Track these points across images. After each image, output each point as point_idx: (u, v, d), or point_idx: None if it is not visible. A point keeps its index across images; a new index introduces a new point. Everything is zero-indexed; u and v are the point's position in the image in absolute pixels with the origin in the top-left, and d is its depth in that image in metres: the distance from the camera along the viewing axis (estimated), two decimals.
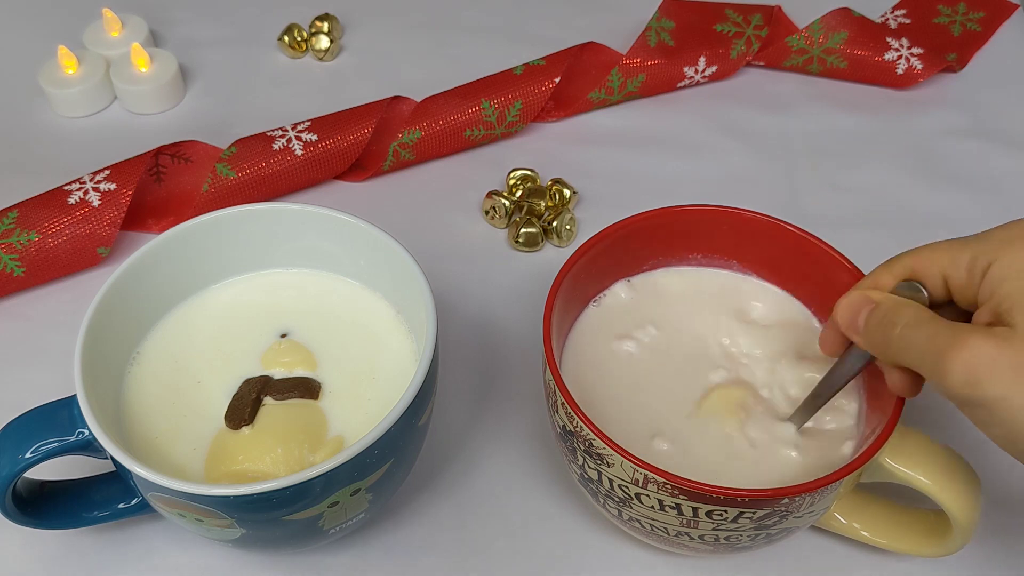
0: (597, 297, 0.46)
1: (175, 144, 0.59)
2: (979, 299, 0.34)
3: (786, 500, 0.36)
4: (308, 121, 0.59)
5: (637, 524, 0.40)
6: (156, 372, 0.44)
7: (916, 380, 0.37)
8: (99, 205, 0.55)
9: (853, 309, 0.37)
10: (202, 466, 0.41)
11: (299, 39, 0.69)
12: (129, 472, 0.37)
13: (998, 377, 0.31)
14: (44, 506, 0.42)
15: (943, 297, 0.37)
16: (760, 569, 0.45)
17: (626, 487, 0.38)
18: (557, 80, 0.62)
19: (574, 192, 0.59)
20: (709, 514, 0.37)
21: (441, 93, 0.62)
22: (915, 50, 0.65)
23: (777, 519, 0.37)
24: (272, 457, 0.40)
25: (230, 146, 0.58)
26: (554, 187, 0.59)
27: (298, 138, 0.58)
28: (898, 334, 0.35)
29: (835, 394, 0.40)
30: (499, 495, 0.47)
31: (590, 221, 0.58)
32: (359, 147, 0.59)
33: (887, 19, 0.71)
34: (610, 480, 0.38)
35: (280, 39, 0.69)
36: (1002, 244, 0.34)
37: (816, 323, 0.45)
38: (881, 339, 0.36)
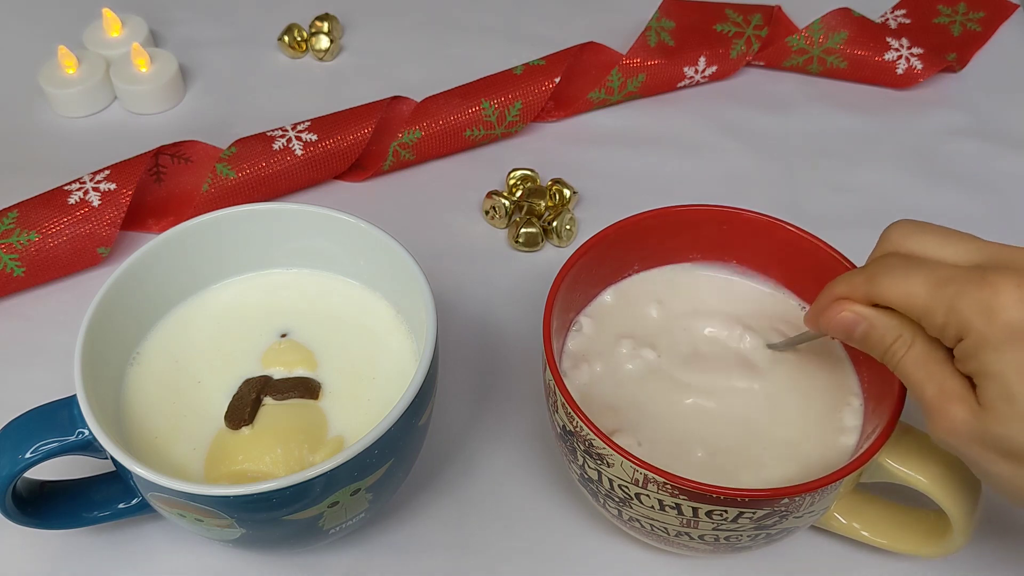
0: (598, 296, 0.46)
1: (175, 144, 0.59)
2: (955, 355, 0.34)
3: (786, 500, 0.36)
4: (308, 121, 0.59)
5: (637, 524, 0.40)
6: (156, 372, 0.44)
7: None
8: (99, 205, 0.55)
9: (847, 324, 0.37)
10: (202, 466, 0.41)
11: (299, 39, 0.69)
12: (129, 472, 0.37)
13: (968, 447, 0.34)
14: (44, 506, 0.42)
15: None
16: (760, 569, 0.45)
17: (626, 487, 0.38)
18: (557, 80, 0.62)
19: (574, 192, 0.59)
20: (709, 514, 0.37)
21: (441, 93, 0.62)
22: (915, 50, 0.65)
23: (777, 519, 0.37)
24: (272, 457, 0.40)
25: (230, 146, 0.58)
26: (554, 187, 0.59)
27: (298, 138, 0.58)
28: (896, 364, 0.36)
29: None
30: (499, 495, 0.47)
31: (590, 221, 0.58)
32: (359, 147, 0.59)
33: (887, 19, 0.71)
34: (610, 480, 0.38)
35: (280, 39, 0.69)
36: (974, 314, 0.32)
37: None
38: (878, 356, 0.37)
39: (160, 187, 0.59)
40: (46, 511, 0.42)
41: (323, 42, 0.68)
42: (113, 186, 0.55)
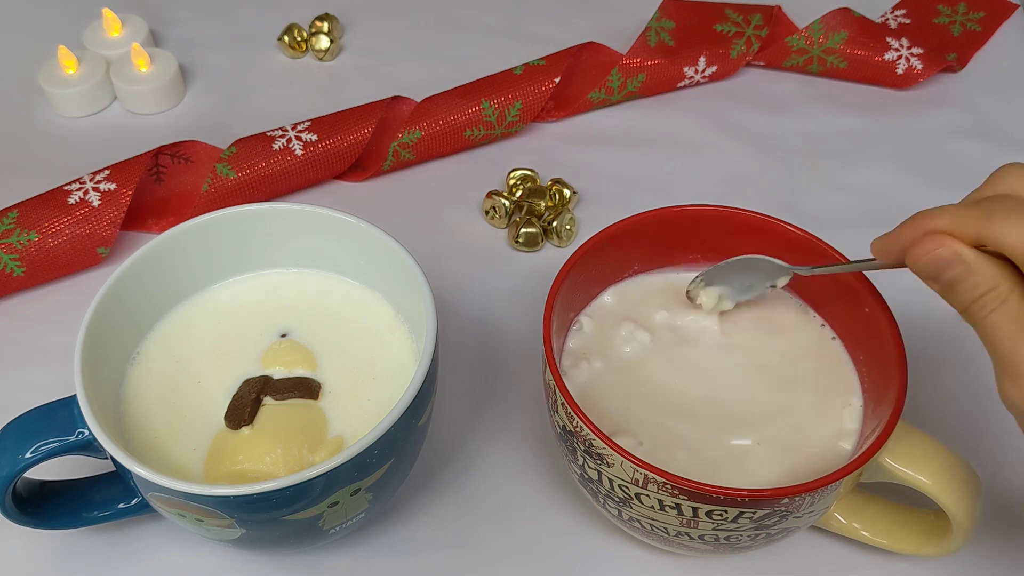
0: (598, 296, 0.46)
1: (175, 144, 0.59)
2: None
3: (786, 500, 0.36)
4: (308, 121, 0.59)
5: (637, 524, 0.40)
6: (156, 372, 0.44)
7: None
8: (99, 205, 0.55)
9: (940, 262, 0.33)
10: (202, 466, 0.41)
11: (299, 39, 0.69)
12: (129, 472, 0.37)
13: None
14: (44, 506, 0.42)
15: None
16: (760, 569, 0.45)
17: (626, 487, 0.38)
18: (557, 80, 0.62)
19: (574, 192, 0.59)
20: (709, 514, 0.37)
21: (441, 93, 0.62)
22: (915, 50, 0.65)
23: (777, 519, 0.37)
24: (272, 457, 0.40)
25: (230, 146, 0.58)
26: (554, 187, 0.59)
27: (298, 138, 0.58)
28: (983, 317, 0.33)
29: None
30: (499, 495, 0.47)
31: (590, 221, 0.58)
32: (359, 147, 0.59)
33: (887, 19, 0.71)
34: (610, 480, 0.38)
35: (280, 39, 0.69)
36: None
37: (819, 324, 0.45)
38: (962, 306, 0.34)
39: (160, 187, 0.59)
40: (46, 511, 0.42)
41: (323, 42, 0.68)
42: (113, 186, 0.55)
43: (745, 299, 0.45)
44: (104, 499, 0.43)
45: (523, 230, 0.57)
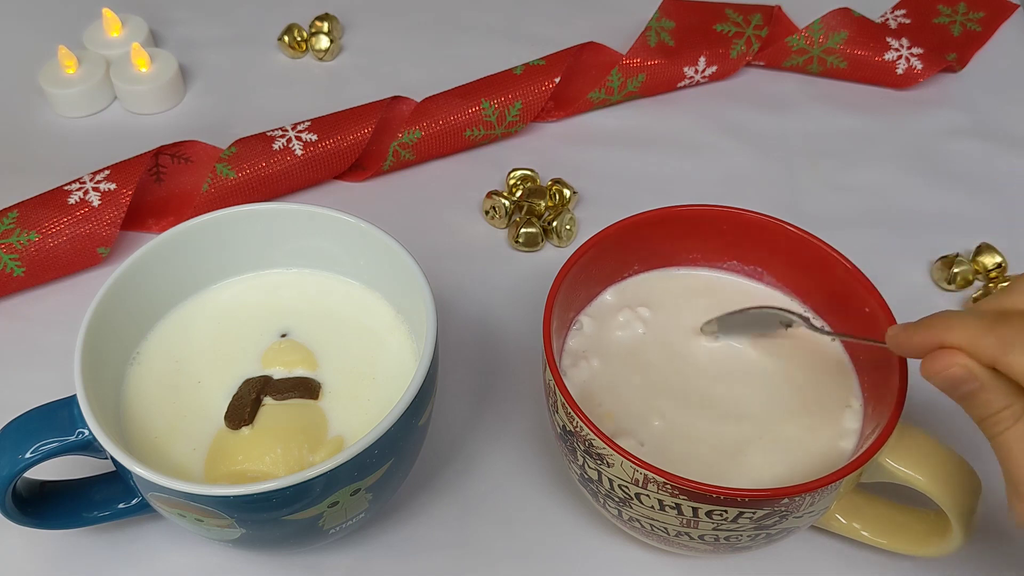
0: (598, 296, 0.46)
1: (175, 144, 0.59)
2: None
3: (786, 500, 0.36)
4: (308, 121, 0.59)
5: (637, 524, 0.40)
6: (156, 372, 0.44)
7: None
8: (99, 205, 0.55)
9: (955, 378, 0.34)
10: (202, 466, 0.41)
11: (299, 39, 0.69)
12: (129, 472, 0.37)
13: None
14: (44, 506, 0.42)
15: None
16: (760, 569, 0.45)
17: (626, 487, 0.38)
18: (557, 80, 0.62)
19: (574, 192, 0.59)
20: (709, 514, 0.37)
21: (441, 93, 0.62)
22: (915, 50, 0.65)
23: (777, 519, 0.37)
24: (272, 457, 0.40)
25: (230, 146, 0.58)
26: (554, 187, 0.59)
27: (298, 138, 0.58)
28: (997, 434, 0.33)
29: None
30: (499, 495, 0.47)
31: (590, 221, 0.58)
32: (359, 147, 0.59)
33: (887, 19, 0.71)
34: (610, 480, 0.38)
35: (280, 39, 0.69)
36: None
37: (819, 324, 0.45)
38: (977, 419, 0.34)
39: (160, 187, 0.59)
40: (46, 511, 0.42)
41: (323, 42, 0.68)
42: (113, 186, 0.55)
43: (758, 335, 0.45)
44: (104, 499, 0.43)
45: (523, 230, 0.57)
